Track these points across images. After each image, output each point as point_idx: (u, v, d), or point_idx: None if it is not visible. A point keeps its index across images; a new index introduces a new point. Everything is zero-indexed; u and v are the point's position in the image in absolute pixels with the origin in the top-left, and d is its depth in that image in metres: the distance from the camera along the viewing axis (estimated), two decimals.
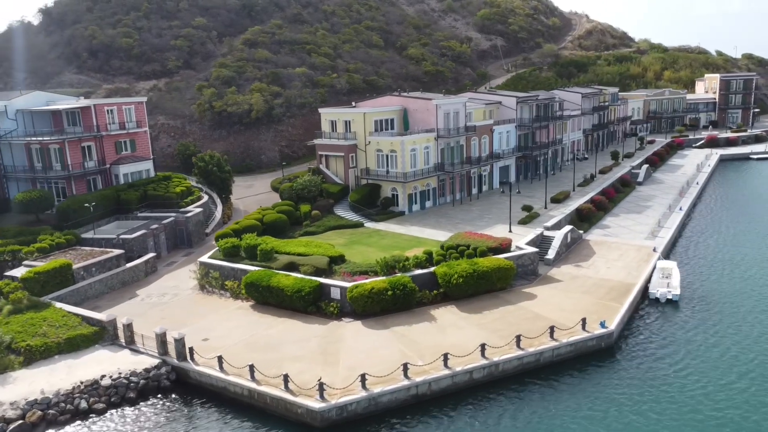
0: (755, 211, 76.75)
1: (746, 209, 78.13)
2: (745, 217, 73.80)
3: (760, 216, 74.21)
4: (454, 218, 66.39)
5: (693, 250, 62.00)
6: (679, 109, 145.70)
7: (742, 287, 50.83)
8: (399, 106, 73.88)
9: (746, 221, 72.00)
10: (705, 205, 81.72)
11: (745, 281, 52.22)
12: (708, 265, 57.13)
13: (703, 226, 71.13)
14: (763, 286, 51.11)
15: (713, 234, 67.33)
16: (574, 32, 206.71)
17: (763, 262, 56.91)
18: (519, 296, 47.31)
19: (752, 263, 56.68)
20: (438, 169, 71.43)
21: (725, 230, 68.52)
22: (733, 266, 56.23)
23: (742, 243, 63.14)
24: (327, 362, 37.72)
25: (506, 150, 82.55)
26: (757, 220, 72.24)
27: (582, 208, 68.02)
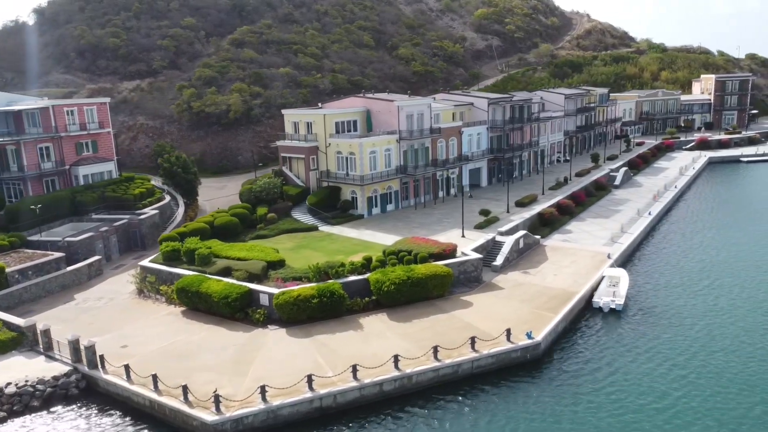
0: (732, 218, 74.36)
1: (723, 215, 75.89)
2: (720, 224, 71.63)
3: (736, 222, 71.89)
4: (412, 222, 65.15)
5: (653, 257, 60.24)
6: (673, 111, 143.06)
7: (692, 299, 48.99)
8: (362, 108, 72.76)
9: (719, 228, 69.87)
10: (681, 209, 79.67)
11: (697, 293, 50.31)
12: (663, 273, 55.37)
13: (671, 231, 69.25)
14: (715, 297, 49.28)
15: (680, 240, 65.44)
16: (573, 32, 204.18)
17: (723, 272, 54.87)
18: (455, 304, 46.00)
19: (711, 273, 54.75)
20: (400, 172, 70.20)
21: (694, 237, 66.55)
22: (690, 276, 54.39)
23: (708, 251, 61.12)
24: (237, 372, 36.73)
25: (476, 152, 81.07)
26: (731, 227, 70.06)
27: (544, 212, 66.45)
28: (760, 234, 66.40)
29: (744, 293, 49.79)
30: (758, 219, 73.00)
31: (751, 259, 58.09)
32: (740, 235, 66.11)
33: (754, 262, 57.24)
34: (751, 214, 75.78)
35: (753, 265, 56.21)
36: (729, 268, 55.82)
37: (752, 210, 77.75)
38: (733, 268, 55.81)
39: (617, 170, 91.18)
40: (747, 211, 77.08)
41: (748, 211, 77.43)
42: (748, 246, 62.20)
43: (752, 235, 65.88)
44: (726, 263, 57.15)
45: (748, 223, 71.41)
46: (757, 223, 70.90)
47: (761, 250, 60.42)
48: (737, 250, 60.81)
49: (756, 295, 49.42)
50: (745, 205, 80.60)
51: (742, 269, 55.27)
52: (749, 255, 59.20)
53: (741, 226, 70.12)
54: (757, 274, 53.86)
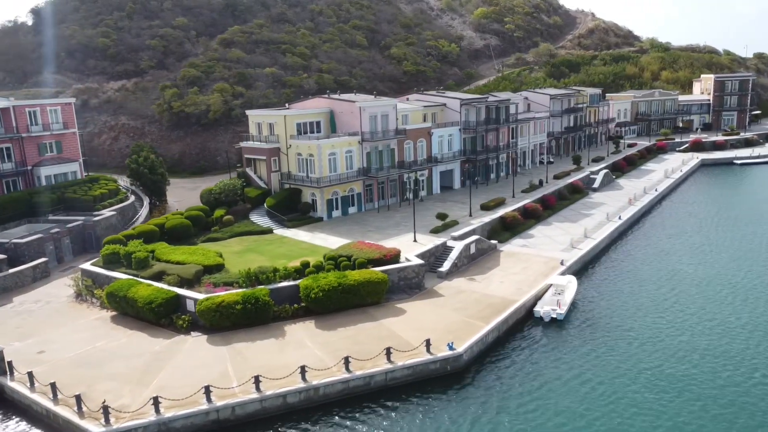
0: (709, 223, 71.88)
1: (700, 220, 73.41)
2: (694, 229, 69.15)
3: (712, 229, 69.34)
4: (369, 226, 63.82)
5: (613, 264, 58.25)
6: (671, 111, 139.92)
7: (642, 311, 46.79)
8: (326, 109, 71.58)
9: (692, 234, 67.42)
10: (659, 214, 77.34)
11: (649, 305, 48.00)
12: (620, 281, 53.38)
13: (640, 237, 67.13)
14: (666, 310, 47.19)
15: (646, 247, 63.26)
16: (576, 31, 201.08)
17: (684, 282, 52.18)
18: (388, 312, 44.64)
19: (671, 283, 52.26)
20: (363, 174, 68.91)
21: (662, 243, 64.26)
22: (647, 286, 52.16)
23: (674, 259, 58.59)
24: (140, 381, 35.75)
25: (448, 154, 79.45)
26: (705, 233, 67.59)
27: (507, 216, 64.76)
28: (734, 242, 63.66)
29: (700, 308, 46.97)
30: (736, 225, 70.36)
31: (718, 269, 55.33)
32: (712, 243, 63.66)
33: (721, 273, 54.34)
34: (730, 219, 73.18)
35: (717, 276, 53.46)
36: (691, 278, 53.06)
37: (732, 215, 75.12)
38: (696, 278, 53.02)
39: (597, 173, 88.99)
40: (727, 216, 74.51)
41: (728, 216, 74.85)
42: (719, 255, 59.56)
43: (725, 243, 63.18)
44: (689, 273, 54.45)
45: (724, 229, 68.76)
46: (733, 229, 68.32)
47: (731, 261, 57.44)
48: (705, 260, 58.21)
49: (713, 310, 46.53)
50: (725, 210, 77.99)
51: (706, 281, 52.44)
52: (717, 265, 56.42)
53: (716, 232, 67.61)
54: (720, 288, 50.71)
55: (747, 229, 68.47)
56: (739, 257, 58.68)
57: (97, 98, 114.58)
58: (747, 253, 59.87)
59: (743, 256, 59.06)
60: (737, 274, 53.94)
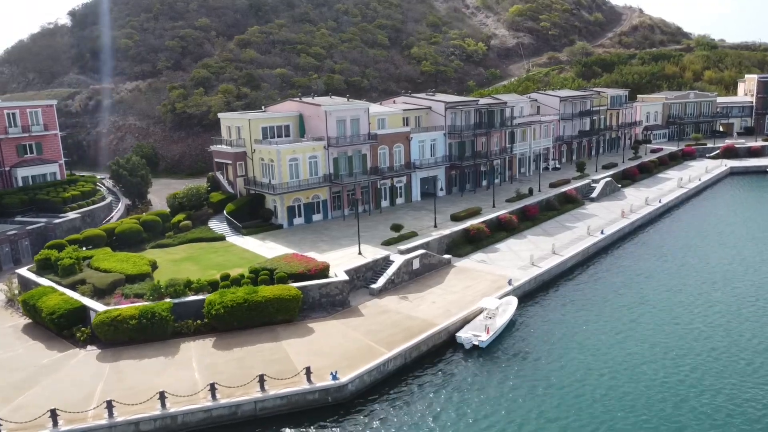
0: (708, 243, 64.64)
1: (700, 240, 66.80)
2: (686, 252, 62.40)
3: (709, 250, 62.26)
4: (324, 235, 61.19)
5: (572, 287, 53.32)
6: (707, 114, 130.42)
7: (584, 346, 42.28)
8: (295, 113, 69.41)
9: (681, 257, 60.83)
10: (656, 229, 71.21)
11: (594, 340, 43.44)
12: (571, 309, 48.55)
13: (620, 256, 61.67)
14: (613, 347, 42.61)
15: (621, 269, 57.64)
16: (618, 28, 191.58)
17: (646, 322, 45.98)
18: (295, 332, 42.05)
19: (628, 318, 46.60)
20: (329, 181, 66.42)
21: (641, 265, 58.21)
22: (601, 317, 47.21)
23: (646, 288, 52.33)
24: (6, 398, 34.60)
25: (430, 160, 75.82)
26: (698, 255, 60.94)
27: (471, 228, 60.79)
28: (730, 271, 55.50)
29: (657, 351, 41.04)
30: (742, 249, 62.47)
31: (695, 309, 47.90)
32: (702, 270, 56.56)
33: (698, 315, 47.08)
34: (735, 240, 66.16)
35: (692, 321, 46.70)
36: (659, 320, 45.54)
37: (742, 234, 67.92)
38: (665, 320, 45.55)
39: (598, 181, 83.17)
40: (733, 236, 67.53)
41: (735, 235, 67.78)
42: (705, 288, 51.95)
43: (718, 272, 55.78)
44: (659, 311, 47.20)
45: (723, 253, 61.03)
46: (736, 255, 60.40)
47: (719, 301, 48.98)
48: (686, 295, 50.36)
49: (669, 355, 40.71)
50: (736, 227, 70.81)
51: (675, 324, 45.02)
52: (697, 303, 49.19)
53: (712, 255, 60.52)
54: (690, 339, 42.94)
55: (754, 258, 59.65)
56: (731, 296, 49.59)
57: (110, 99, 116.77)
58: (741, 293, 50.02)
59: (736, 295, 49.59)
60: (718, 325, 44.13)
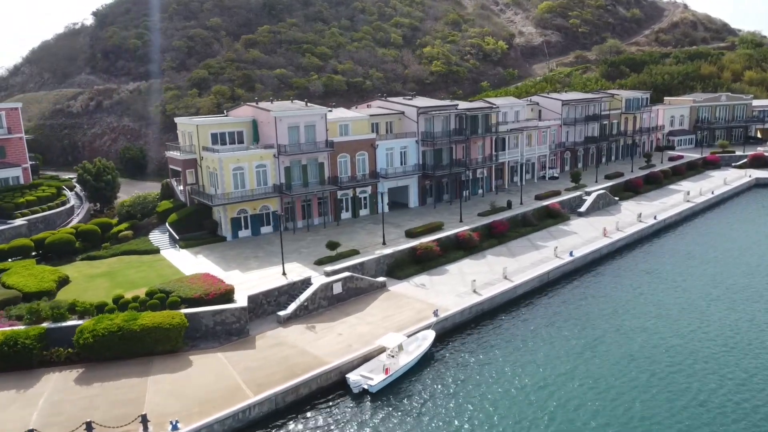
0: (698, 276, 56.35)
1: (691, 269, 58.98)
2: (669, 284, 55.24)
3: (697, 283, 54.18)
4: (266, 250, 57.09)
5: (514, 322, 47.31)
6: (741, 118, 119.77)
7: (489, 398, 37.06)
8: (249, 118, 65.71)
9: (659, 291, 53.75)
10: (643, 251, 63.80)
11: (508, 391, 38.05)
12: (502, 350, 42.83)
13: (585, 284, 54.99)
14: (533, 404, 37.04)
15: (579, 301, 51.18)
16: (656, 25, 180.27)
17: (590, 366, 40.26)
18: (170, 366, 38.11)
19: (561, 363, 40.91)
20: (279, 191, 62.47)
21: (606, 300, 51.10)
22: (526, 358, 41.81)
23: (601, 324, 45.97)
24: None
25: (399, 169, 70.78)
26: (680, 290, 53.31)
27: (418, 248, 55.57)
28: (721, 319, 47.15)
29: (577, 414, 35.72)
30: (737, 284, 54.55)
31: (656, 367, 41.87)
32: (675, 312, 49.48)
33: (651, 356, 41.54)
34: (736, 275, 58.09)
35: (645, 360, 41.11)
36: (609, 372, 38.52)
37: (744, 265, 60.04)
38: (617, 379, 38.41)
39: (591, 194, 76.14)
40: (733, 266, 59.61)
41: (735, 265, 59.83)
42: (667, 342, 44.75)
43: (707, 318, 47.91)
44: (608, 363, 40.13)
45: (715, 291, 52.84)
46: (731, 294, 52.56)
47: (695, 363, 41.06)
48: (646, 346, 42.57)
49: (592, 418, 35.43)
50: (740, 255, 62.83)
51: (625, 385, 38.42)
52: (663, 358, 42.98)
53: (698, 291, 52.34)
54: (634, 385, 37.84)
55: (745, 304, 50.55)
56: (727, 369, 39.44)
57: (110, 99, 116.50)
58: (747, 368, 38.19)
59: (734, 375, 38.48)
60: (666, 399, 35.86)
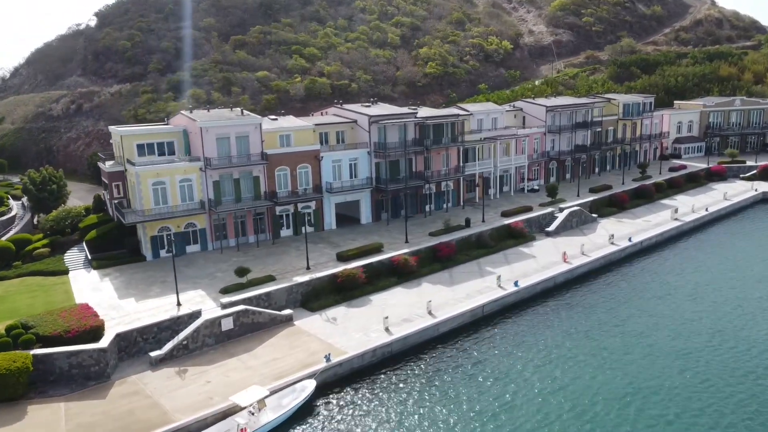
0: (672, 314, 49.95)
1: (662, 304, 52.25)
2: (630, 328, 48.46)
3: (666, 327, 47.56)
4: (182, 273, 52.07)
5: (425, 366, 41.53)
6: (758, 124, 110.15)
7: None
8: (181, 128, 61.21)
9: (617, 335, 47.25)
10: (603, 281, 56.88)
11: None
12: (385, 401, 37.37)
13: (522, 322, 48.66)
14: None
15: (509, 344, 45.16)
16: (677, 23, 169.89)
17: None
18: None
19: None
20: (207, 207, 57.81)
21: (539, 343, 45.06)
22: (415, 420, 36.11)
23: (528, 376, 40.06)
24: None
25: (348, 183, 65.32)
26: (626, 335, 46.83)
27: (340, 275, 50.07)
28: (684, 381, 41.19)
29: None
30: (717, 330, 48.00)
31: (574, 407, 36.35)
32: (644, 367, 43.24)
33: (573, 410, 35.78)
34: (716, 316, 51.15)
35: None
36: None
37: (728, 307, 52.81)
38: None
39: (563, 210, 69.30)
40: (713, 310, 52.47)
41: (720, 308, 52.71)
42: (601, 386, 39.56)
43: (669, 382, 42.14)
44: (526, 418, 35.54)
45: (672, 341, 45.92)
46: (683, 345, 46.13)
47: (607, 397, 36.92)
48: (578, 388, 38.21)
49: None
50: (727, 292, 55.53)
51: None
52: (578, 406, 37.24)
53: (668, 338, 45.61)
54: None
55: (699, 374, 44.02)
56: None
57: (90, 102, 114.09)
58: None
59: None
60: None
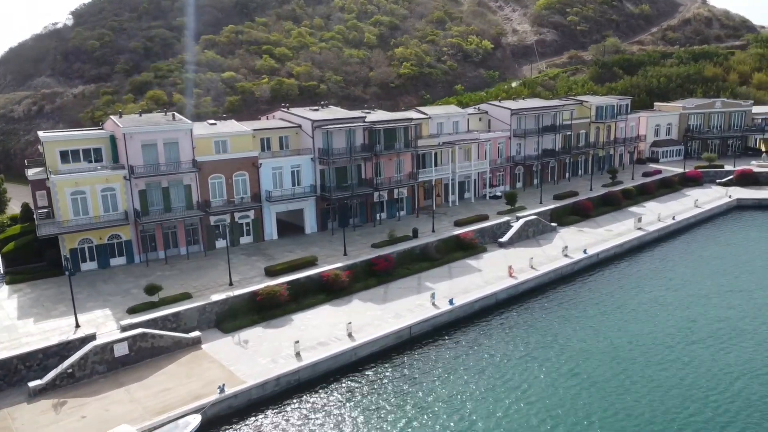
0: (591, 356, 46.99)
1: (602, 326, 49.24)
2: (570, 351, 45.58)
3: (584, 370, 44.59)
4: (97, 290, 49.11)
5: (336, 395, 38.39)
6: (739, 127, 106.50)
7: None
8: (108, 133, 58.04)
9: (550, 365, 44.22)
10: (557, 296, 53.79)
11: None
12: None
13: (451, 344, 45.47)
14: None
15: (428, 371, 42.12)
16: (665, 22, 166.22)
17: None
18: None
19: None
20: (133, 218, 54.64)
21: (467, 371, 42.27)
22: None
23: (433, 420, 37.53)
24: None
25: (289, 191, 62.06)
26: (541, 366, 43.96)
27: (260, 293, 46.79)
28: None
29: None
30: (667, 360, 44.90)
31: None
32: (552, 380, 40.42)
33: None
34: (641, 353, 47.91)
35: None
36: None
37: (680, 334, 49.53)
38: None
39: (517, 220, 65.92)
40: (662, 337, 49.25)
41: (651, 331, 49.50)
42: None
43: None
44: None
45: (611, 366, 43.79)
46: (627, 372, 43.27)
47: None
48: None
49: None
50: (683, 320, 52.29)
51: None
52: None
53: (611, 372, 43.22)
54: None
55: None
56: None
57: (52, 104, 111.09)
58: None
59: None
60: None
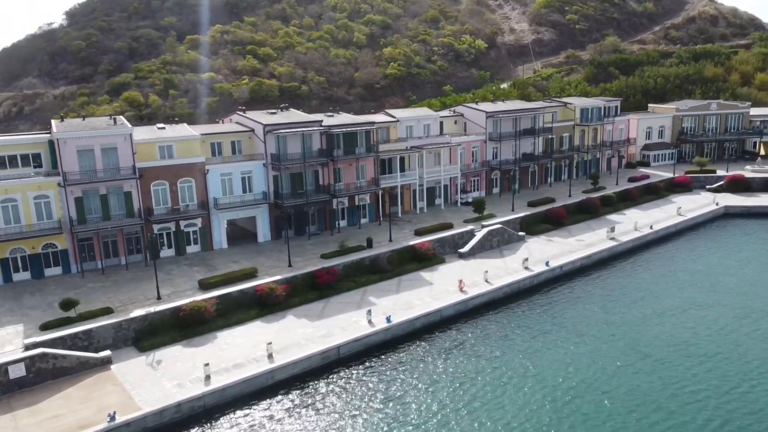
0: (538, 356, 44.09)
1: (537, 353, 46.07)
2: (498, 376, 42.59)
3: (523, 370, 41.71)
4: (20, 302, 47.14)
5: (241, 424, 35.73)
6: (736, 130, 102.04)
7: None
8: (46, 138, 55.97)
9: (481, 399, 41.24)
10: (514, 312, 50.68)
11: None
12: None
13: (381, 369, 42.61)
14: None
15: (348, 398, 39.32)
16: (669, 20, 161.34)
17: None
18: None
19: None
20: (68, 226, 52.53)
21: (394, 401, 39.45)
22: None
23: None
24: None
25: (239, 198, 59.55)
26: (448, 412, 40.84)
27: (183, 308, 44.27)
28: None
29: None
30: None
31: None
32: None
33: None
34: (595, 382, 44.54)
35: None
36: None
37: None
38: None
39: (480, 230, 62.76)
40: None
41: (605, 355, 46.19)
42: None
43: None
44: None
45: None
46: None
47: None
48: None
49: None
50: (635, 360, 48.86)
51: None
52: None
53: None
54: None
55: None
56: None
57: (32, 105, 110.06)
58: None
59: None
60: None
